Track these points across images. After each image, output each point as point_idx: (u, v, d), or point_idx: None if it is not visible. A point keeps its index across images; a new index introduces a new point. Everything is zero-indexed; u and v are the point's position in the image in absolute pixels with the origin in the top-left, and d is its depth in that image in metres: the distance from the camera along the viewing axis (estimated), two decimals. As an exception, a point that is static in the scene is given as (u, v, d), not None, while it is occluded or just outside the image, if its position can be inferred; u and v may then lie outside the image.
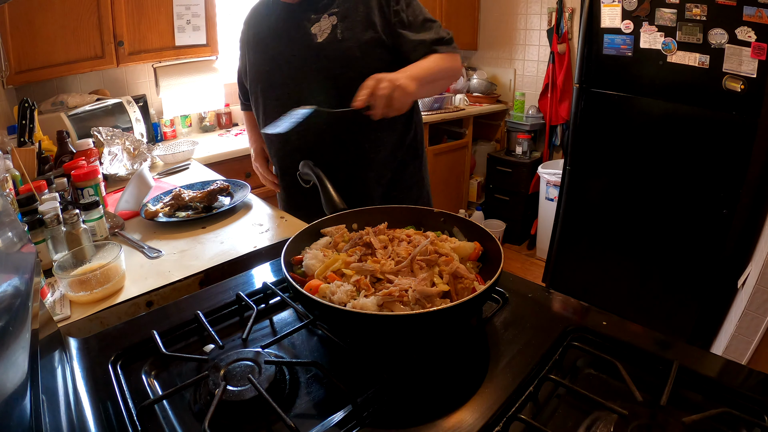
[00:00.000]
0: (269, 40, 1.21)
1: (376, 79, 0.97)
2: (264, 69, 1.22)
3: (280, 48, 1.19)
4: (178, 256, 1.17)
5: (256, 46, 1.26)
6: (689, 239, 1.97)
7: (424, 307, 0.58)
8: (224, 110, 2.78)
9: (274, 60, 1.19)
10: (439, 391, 0.56)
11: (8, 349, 0.40)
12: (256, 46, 1.26)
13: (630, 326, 0.65)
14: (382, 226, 0.76)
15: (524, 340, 0.63)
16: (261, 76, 1.24)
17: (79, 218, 1.08)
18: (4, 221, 0.61)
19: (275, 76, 1.19)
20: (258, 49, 1.25)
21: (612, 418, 0.48)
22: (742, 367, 0.58)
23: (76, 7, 1.98)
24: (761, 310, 1.57)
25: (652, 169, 2.05)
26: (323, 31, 1.13)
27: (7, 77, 1.90)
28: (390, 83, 0.96)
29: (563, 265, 2.50)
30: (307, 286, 0.64)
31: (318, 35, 1.13)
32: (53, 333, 0.64)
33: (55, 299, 0.99)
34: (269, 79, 1.21)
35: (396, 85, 0.97)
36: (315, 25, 1.14)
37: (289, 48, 1.17)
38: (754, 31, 1.64)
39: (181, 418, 0.53)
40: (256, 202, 1.52)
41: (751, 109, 1.70)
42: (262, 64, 1.23)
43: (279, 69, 1.19)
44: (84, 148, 1.65)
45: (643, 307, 2.19)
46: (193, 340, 0.68)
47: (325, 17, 1.14)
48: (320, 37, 1.13)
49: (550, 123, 3.03)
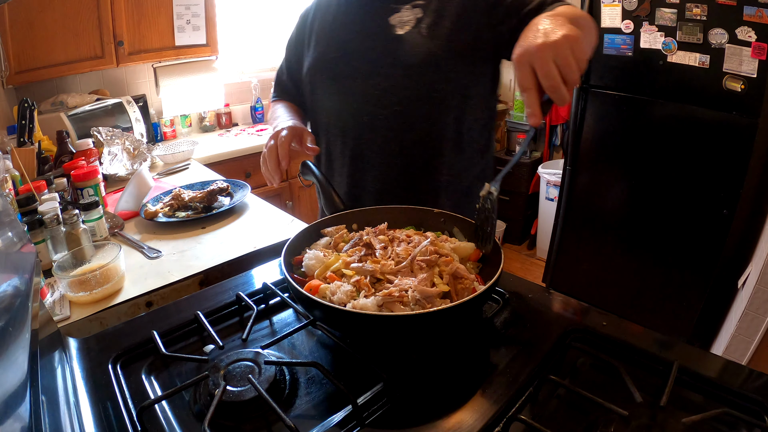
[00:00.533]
0: (338, 29, 1.03)
1: (525, 63, 0.63)
2: (329, 57, 1.03)
3: (350, 37, 1.00)
4: (178, 257, 1.17)
5: (319, 34, 1.07)
6: (689, 239, 1.96)
7: (424, 307, 0.58)
8: (224, 110, 2.78)
9: (342, 49, 1.01)
10: (439, 392, 0.56)
11: (8, 349, 0.40)
12: (320, 33, 1.06)
13: (630, 326, 0.65)
14: (382, 227, 0.76)
15: (524, 340, 0.63)
16: (324, 65, 1.04)
17: (79, 218, 1.08)
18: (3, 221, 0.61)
19: (341, 66, 1.00)
20: (323, 38, 1.06)
21: (612, 418, 0.48)
22: (742, 367, 0.58)
23: (75, 7, 1.98)
24: (761, 310, 1.57)
25: (652, 169, 2.05)
26: (404, 23, 0.95)
27: (7, 77, 1.90)
28: (554, 50, 0.61)
29: (563, 265, 2.50)
30: (307, 287, 0.64)
31: (398, 27, 0.95)
32: (53, 333, 0.64)
33: (55, 299, 0.99)
34: (333, 69, 1.02)
35: (560, 44, 0.62)
36: (395, 15, 0.96)
37: (360, 38, 0.98)
38: (755, 31, 1.64)
39: (181, 418, 0.53)
40: (256, 202, 1.52)
41: (752, 109, 1.70)
42: (326, 52, 1.04)
43: (346, 59, 1.00)
44: (84, 148, 1.65)
45: (643, 307, 2.19)
46: (193, 341, 0.68)
47: (407, 8, 0.96)
48: (400, 29, 0.95)
49: (550, 123, 3.03)
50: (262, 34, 2.95)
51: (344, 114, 1.01)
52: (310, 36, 1.09)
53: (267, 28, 2.96)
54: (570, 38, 0.62)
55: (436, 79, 0.93)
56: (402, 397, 0.54)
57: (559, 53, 0.61)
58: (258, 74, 2.93)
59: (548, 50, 0.61)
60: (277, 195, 2.44)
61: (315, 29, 1.08)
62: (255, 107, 2.87)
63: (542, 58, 0.61)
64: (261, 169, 0.94)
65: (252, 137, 2.54)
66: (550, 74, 0.61)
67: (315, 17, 1.09)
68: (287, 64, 1.19)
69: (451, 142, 0.98)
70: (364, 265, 0.66)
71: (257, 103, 2.87)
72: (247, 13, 2.86)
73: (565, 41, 0.62)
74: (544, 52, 0.61)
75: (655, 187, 2.05)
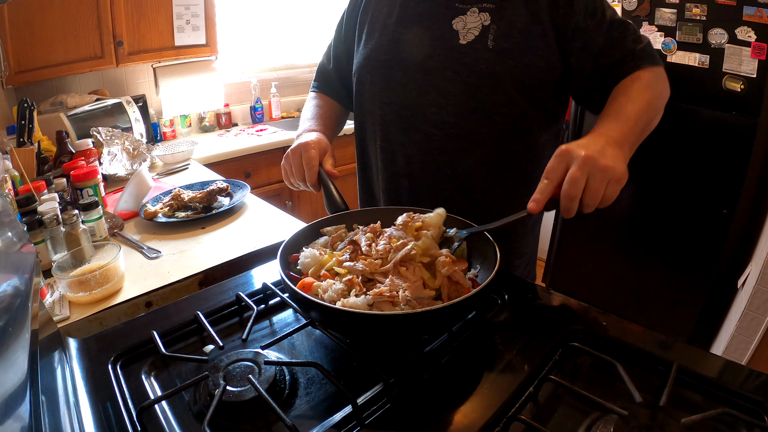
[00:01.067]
0: (394, 23, 0.90)
1: (564, 159, 0.62)
2: (380, 58, 0.91)
3: (406, 36, 0.88)
4: (178, 257, 1.17)
5: (372, 26, 0.94)
6: (689, 239, 1.96)
7: (414, 308, 0.58)
8: (224, 110, 2.78)
9: (396, 50, 0.89)
10: (439, 392, 0.56)
11: (8, 349, 0.40)
12: (373, 24, 0.94)
13: (630, 326, 0.65)
14: (375, 226, 0.75)
15: (524, 340, 0.63)
16: (373, 67, 0.92)
17: (79, 218, 1.08)
18: (3, 221, 0.61)
19: (394, 72, 0.89)
20: (375, 32, 0.93)
21: (612, 418, 0.48)
22: (742, 367, 0.58)
23: (75, 7, 1.98)
24: (761, 310, 1.57)
25: (652, 169, 2.05)
26: (469, 30, 0.83)
27: (6, 77, 1.90)
28: (595, 170, 0.60)
29: (563, 265, 2.50)
30: (299, 284, 0.64)
31: (461, 35, 0.84)
32: (53, 333, 0.64)
33: (54, 300, 0.99)
34: (383, 73, 0.90)
35: (604, 169, 0.60)
36: (459, 18, 0.84)
37: (418, 40, 0.87)
38: (754, 30, 1.64)
39: (181, 418, 0.53)
40: (256, 202, 1.52)
41: (751, 109, 1.70)
42: (377, 51, 0.91)
43: (401, 65, 0.88)
44: (83, 149, 1.65)
45: (643, 307, 2.19)
46: (193, 341, 0.68)
47: (474, 11, 0.83)
48: (463, 38, 0.83)
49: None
50: (261, 34, 2.96)
51: (392, 127, 0.92)
52: (363, 25, 0.95)
53: (267, 28, 2.96)
54: (616, 174, 0.61)
55: (500, 100, 0.83)
56: (402, 397, 0.54)
57: (597, 176, 0.60)
58: (258, 74, 2.94)
59: (590, 167, 0.60)
60: (276, 195, 2.44)
61: (368, 17, 0.95)
62: (255, 107, 2.87)
63: (580, 168, 0.60)
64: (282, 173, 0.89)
65: (252, 137, 2.54)
66: (576, 185, 0.60)
67: (367, 5, 0.96)
68: (335, 51, 1.05)
69: (514, 171, 0.89)
70: (355, 264, 0.66)
71: (257, 103, 2.87)
72: (247, 13, 2.86)
73: (610, 173, 0.61)
74: (587, 165, 0.60)
75: (655, 187, 2.05)
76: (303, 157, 0.84)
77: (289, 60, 3.08)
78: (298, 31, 3.08)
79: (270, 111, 2.97)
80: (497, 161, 0.88)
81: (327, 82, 1.08)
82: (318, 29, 3.10)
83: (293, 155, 0.86)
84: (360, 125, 1.01)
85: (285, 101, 3.04)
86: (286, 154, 0.87)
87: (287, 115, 3.02)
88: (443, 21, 0.85)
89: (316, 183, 0.84)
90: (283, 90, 3.02)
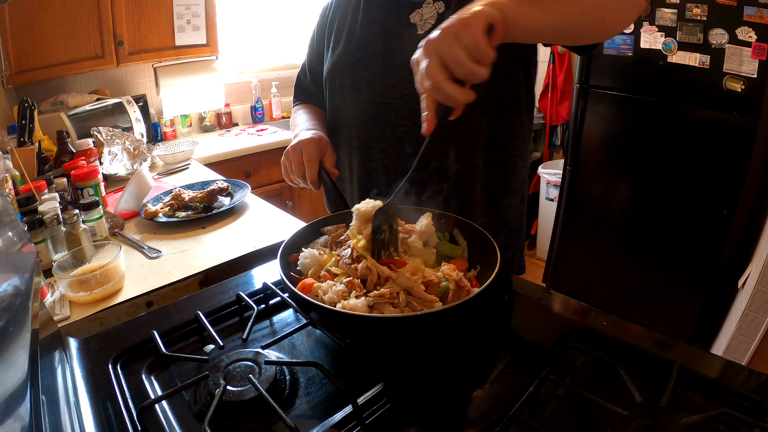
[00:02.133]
0: (357, 28, 0.94)
1: (418, 52, 0.58)
2: (347, 61, 0.95)
3: (369, 38, 0.92)
4: (178, 256, 1.17)
5: (338, 34, 0.98)
6: (690, 239, 1.97)
7: (415, 309, 0.58)
8: (224, 110, 2.78)
9: (361, 51, 0.93)
10: (439, 392, 0.56)
11: (8, 349, 0.40)
12: (339, 32, 0.98)
13: (630, 326, 0.65)
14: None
15: (524, 340, 0.63)
16: (342, 69, 0.96)
17: (79, 218, 1.08)
18: (3, 221, 0.61)
19: (360, 71, 0.93)
20: (341, 38, 0.97)
21: (612, 418, 0.48)
22: (742, 367, 0.58)
23: (76, 7, 1.98)
24: (761, 310, 1.57)
25: (652, 169, 2.05)
26: (426, 20, 0.86)
27: (7, 77, 1.90)
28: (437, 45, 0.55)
29: (563, 265, 2.50)
30: (300, 285, 0.64)
31: (419, 26, 0.87)
32: (53, 333, 0.64)
33: (55, 299, 0.99)
34: (352, 74, 0.94)
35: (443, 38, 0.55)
36: (415, 12, 0.88)
37: (381, 39, 0.90)
38: (755, 31, 1.64)
39: (181, 418, 0.53)
40: (256, 202, 1.52)
41: (752, 110, 1.70)
42: (344, 55, 0.95)
43: (365, 63, 0.92)
44: (84, 148, 1.65)
45: (643, 307, 2.19)
46: (194, 341, 0.68)
47: (429, 3, 0.87)
48: (421, 29, 0.87)
49: (551, 123, 3.03)
50: (262, 34, 2.96)
51: (364, 125, 0.94)
52: (330, 35, 1.01)
53: (267, 28, 2.96)
54: (456, 24, 0.54)
55: None
56: (402, 397, 0.54)
57: (442, 45, 0.54)
58: (258, 74, 2.94)
59: (431, 47, 0.55)
60: (277, 195, 2.44)
61: (334, 27, 1.00)
62: (255, 107, 2.87)
63: (426, 55, 0.56)
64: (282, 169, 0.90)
65: (252, 137, 2.54)
66: (428, 72, 0.55)
67: (335, 12, 1.00)
68: (309, 64, 1.11)
69: (483, 154, 0.90)
70: (351, 265, 0.66)
71: (257, 103, 2.87)
72: (247, 13, 2.86)
73: (448, 30, 0.54)
74: (429, 49, 0.56)
75: (656, 188, 2.05)
76: (303, 155, 0.85)
77: (289, 60, 3.08)
78: (299, 31, 3.08)
79: (270, 111, 2.97)
80: (469, 145, 0.89)
81: (307, 93, 1.12)
82: (318, 29, 3.09)
83: (293, 152, 0.87)
84: (333, 130, 1.02)
85: (285, 101, 3.04)
86: (286, 150, 0.88)
87: (287, 115, 3.02)
88: (402, 17, 0.89)
89: (316, 181, 0.85)
90: (284, 90, 3.02)
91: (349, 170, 1.02)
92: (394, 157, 0.93)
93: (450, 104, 0.57)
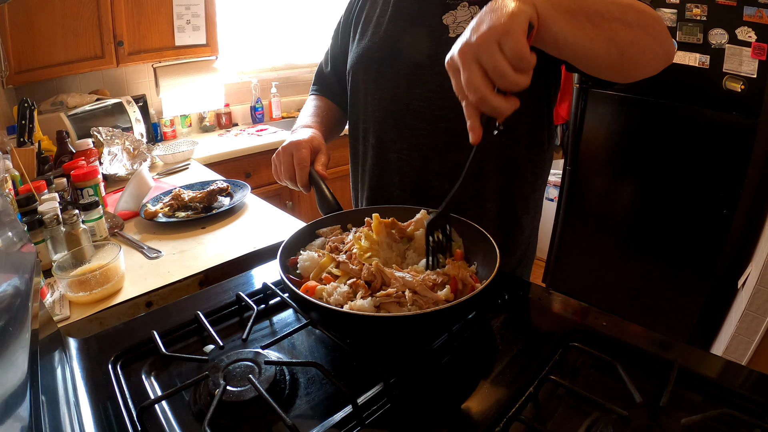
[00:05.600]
0: (385, 21, 0.90)
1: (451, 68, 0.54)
2: (372, 56, 0.90)
3: (397, 34, 0.88)
4: (178, 257, 1.17)
5: (364, 25, 0.94)
6: (689, 239, 1.97)
7: (421, 308, 0.58)
8: (224, 110, 2.78)
9: (387, 46, 0.88)
10: (439, 392, 0.56)
11: (8, 349, 0.40)
12: (365, 23, 0.94)
13: (630, 326, 0.65)
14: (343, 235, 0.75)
15: (524, 340, 0.63)
16: (366, 64, 0.92)
17: (79, 218, 1.08)
18: (3, 221, 0.61)
19: (384, 67, 0.88)
20: (366, 30, 0.93)
21: (612, 418, 0.48)
22: (742, 367, 0.58)
23: (76, 7, 1.98)
24: (761, 311, 1.58)
25: (652, 169, 2.05)
26: (459, 23, 0.82)
27: (7, 77, 1.90)
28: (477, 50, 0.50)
29: (563, 265, 2.50)
30: (303, 288, 0.63)
31: (451, 29, 0.83)
32: (53, 333, 0.64)
33: (55, 299, 0.99)
34: (376, 71, 0.90)
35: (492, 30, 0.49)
36: (449, 13, 0.83)
37: (409, 36, 0.86)
38: (755, 31, 1.64)
39: (181, 418, 0.53)
40: (256, 202, 1.52)
41: (752, 110, 1.70)
42: (369, 48, 0.91)
43: (390, 60, 0.88)
44: (84, 148, 1.65)
45: (643, 307, 2.19)
46: (193, 341, 0.68)
47: (464, 5, 0.82)
48: (453, 32, 0.82)
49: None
50: (261, 34, 2.96)
51: (384, 124, 0.91)
52: (357, 25, 0.96)
53: (267, 28, 2.97)
54: (497, 29, 0.48)
55: None
56: (402, 397, 0.54)
57: (483, 54, 0.49)
58: (258, 74, 2.94)
59: (470, 53, 0.50)
60: (276, 195, 2.44)
61: (362, 17, 0.95)
62: (255, 107, 2.87)
63: (463, 62, 0.51)
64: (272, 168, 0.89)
65: (252, 137, 2.54)
66: (472, 84, 0.50)
67: (360, 5, 0.97)
68: (332, 54, 1.07)
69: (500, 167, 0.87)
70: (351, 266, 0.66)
71: (257, 103, 2.87)
72: (247, 13, 2.86)
73: (489, 36, 0.48)
74: (466, 55, 0.50)
75: (656, 187, 2.05)
76: (294, 157, 0.83)
77: (289, 60, 3.09)
78: (298, 31, 3.08)
79: (270, 111, 2.97)
80: (487, 156, 0.87)
81: (326, 85, 1.09)
82: (318, 29, 3.10)
83: (284, 153, 0.85)
84: (353, 124, 1.00)
85: (285, 101, 3.04)
86: (277, 151, 0.86)
87: (287, 115, 3.02)
88: (434, 17, 0.84)
89: (307, 184, 0.83)
90: (284, 90, 3.02)
91: (362, 167, 0.99)
92: (411, 160, 0.89)
93: (496, 116, 0.53)
